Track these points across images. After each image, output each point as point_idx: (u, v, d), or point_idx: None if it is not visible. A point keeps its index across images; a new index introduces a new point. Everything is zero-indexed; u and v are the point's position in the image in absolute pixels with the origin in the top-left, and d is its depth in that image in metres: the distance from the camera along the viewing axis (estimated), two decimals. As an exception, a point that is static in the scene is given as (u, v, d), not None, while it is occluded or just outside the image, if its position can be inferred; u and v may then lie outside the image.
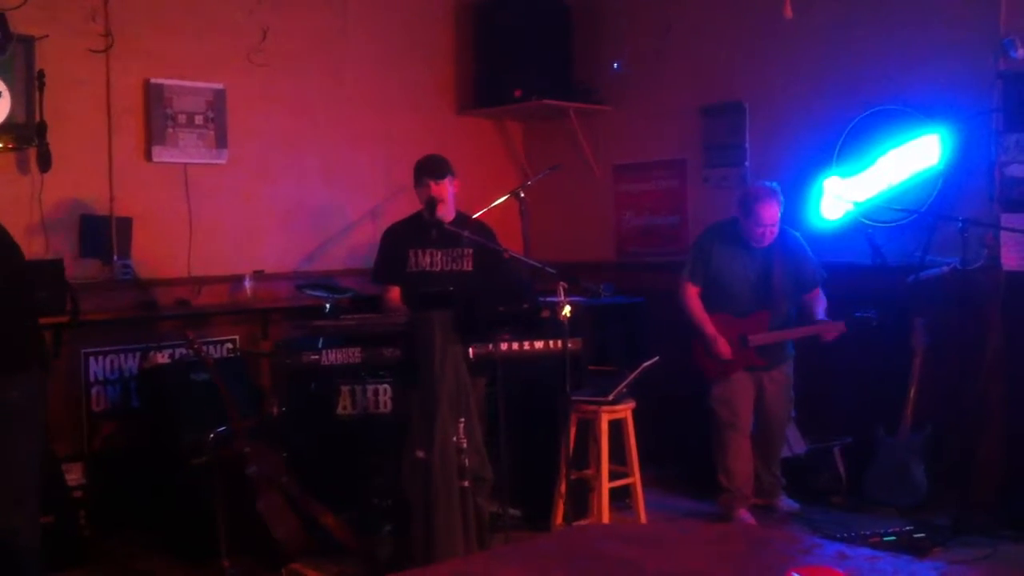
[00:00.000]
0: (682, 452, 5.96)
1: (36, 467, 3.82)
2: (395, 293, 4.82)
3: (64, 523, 4.78)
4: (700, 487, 5.64)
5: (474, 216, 5.12)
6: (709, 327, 5.29)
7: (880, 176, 5.71)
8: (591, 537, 2.80)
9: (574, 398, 4.84)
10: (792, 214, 5.84)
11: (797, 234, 5.46)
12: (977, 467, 5.35)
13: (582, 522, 4.97)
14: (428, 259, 4.81)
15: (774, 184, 5.28)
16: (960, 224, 5.18)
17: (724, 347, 5.24)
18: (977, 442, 5.35)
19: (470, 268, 4.79)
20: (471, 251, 4.78)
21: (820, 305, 5.31)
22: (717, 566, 2.24)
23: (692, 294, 5.38)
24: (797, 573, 1.68)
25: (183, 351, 5.49)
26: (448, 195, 4.77)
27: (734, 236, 5.33)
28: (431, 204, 4.69)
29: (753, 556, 2.38)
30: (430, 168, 4.79)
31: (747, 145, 6.38)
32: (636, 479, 5.05)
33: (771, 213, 5.17)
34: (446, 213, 4.77)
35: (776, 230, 5.23)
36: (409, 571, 2.40)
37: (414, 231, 4.79)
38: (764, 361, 5.28)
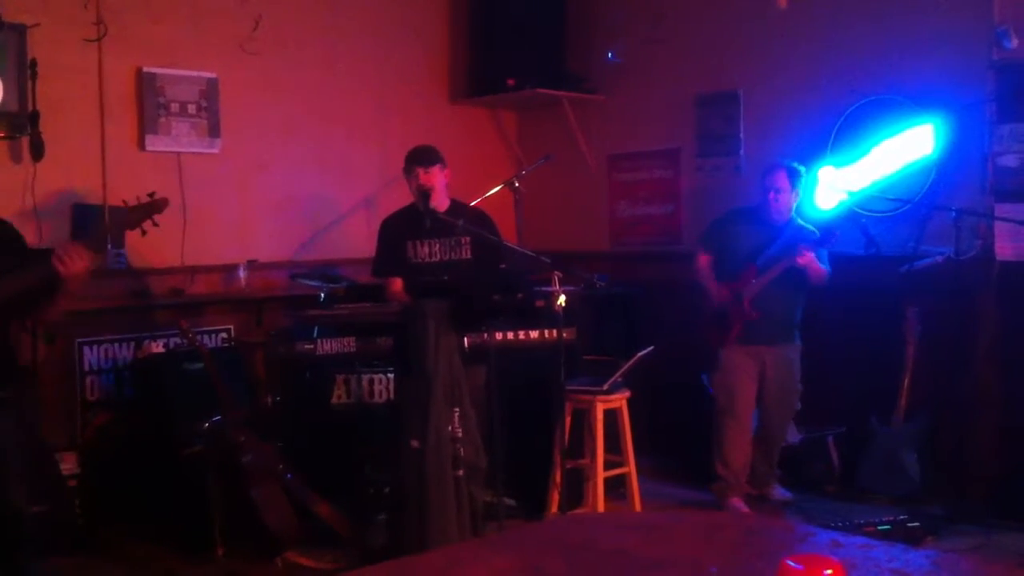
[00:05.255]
0: (676, 441, 5.97)
1: None
2: (398, 285, 4.80)
3: (58, 512, 4.78)
4: (694, 476, 5.65)
5: (472, 203, 5.10)
6: (710, 282, 5.43)
7: (874, 166, 5.71)
8: (585, 525, 2.81)
9: (569, 388, 4.85)
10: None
11: (815, 228, 5.43)
12: (971, 457, 5.37)
13: (577, 511, 4.97)
14: (427, 249, 4.79)
15: (795, 164, 5.38)
16: (954, 214, 5.20)
17: (717, 292, 5.37)
18: (971, 432, 5.37)
19: (469, 256, 4.78)
20: (469, 239, 4.76)
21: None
22: (711, 554, 2.25)
23: (702, 261, 5.53)
24: (791, 561, 1.68)
25: (177, 340, 5.48)
26: (438, 183, 4.75)
27: (751, 214, 5.45)
28: (423, 193, 4.67)
29: (747, 544, 2.38)
30: (418, 156, 4.77)
31: (741, 135, 6.38)
32: (631, 468, 5.06)
33: (778, 178, 5.29)
34: (439, 202, 4.76)
35: (787, 200, 5.31)
36: (403, 558, 2.40)
37: (411, 222, 4.77)
38: (758, 313, 5.25)
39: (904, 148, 5.60)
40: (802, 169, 5.39)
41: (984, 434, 5.35)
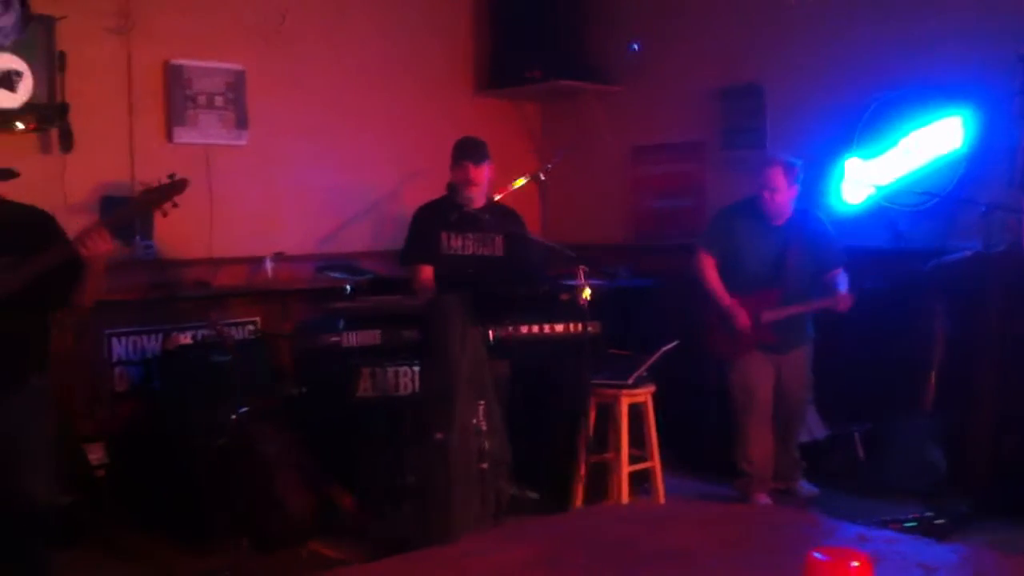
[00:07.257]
0: (701, 436, 5.95)
1: None
2: (428, 273, 4.80)
3: (86, 502, 4.82)
4: (719, 471, 5.62)
5: (496, 198, 5.11)
6: (725, 298, 5.24)
7: (902, 159, 5.67)
8: (604, 517, 2.80)
9: (593, 381, 4.84)
10: (813, 197, 5.81)
11: (820, 215, 5.44)
12: (999, 453, 5.33)
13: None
14: (460, 242, 4.81)
15: (792, 158, 5.25)
16: (983, 209, 5.14)
17: (743, 317, 5.20)
18: (998, 427, 5.33)
19: (501, 253, 4.78)
20: (502, 236, 4.77)
21: (841, 280, 5.25)
22: (734, 547, 2.24)
23: (708, 264, 5.33)
24: (818, 553, 1.68)
25: (204, 332, 5.51)
26: (484, 180, 4.77)
27: (755, 212, 5.30)
28: (455, 187, 4.68)
29: (773, 538, 2.37)
30: (470, 151, 4.77)
31: (766, 127, 6.34)
32: (655, 463, 5.05)
33: (772, 176, 5.15)
34: (478, 197, 4.76)
35: (783, 199, 5.19)
36: (419, 551, 2.40)
37: (445, 213, 4.77)
38: (776, 338, 5.23)
39: (933, 141, 5.55)
40: (799, 163, 5.25)
41: (1011, 430, 5.30)
